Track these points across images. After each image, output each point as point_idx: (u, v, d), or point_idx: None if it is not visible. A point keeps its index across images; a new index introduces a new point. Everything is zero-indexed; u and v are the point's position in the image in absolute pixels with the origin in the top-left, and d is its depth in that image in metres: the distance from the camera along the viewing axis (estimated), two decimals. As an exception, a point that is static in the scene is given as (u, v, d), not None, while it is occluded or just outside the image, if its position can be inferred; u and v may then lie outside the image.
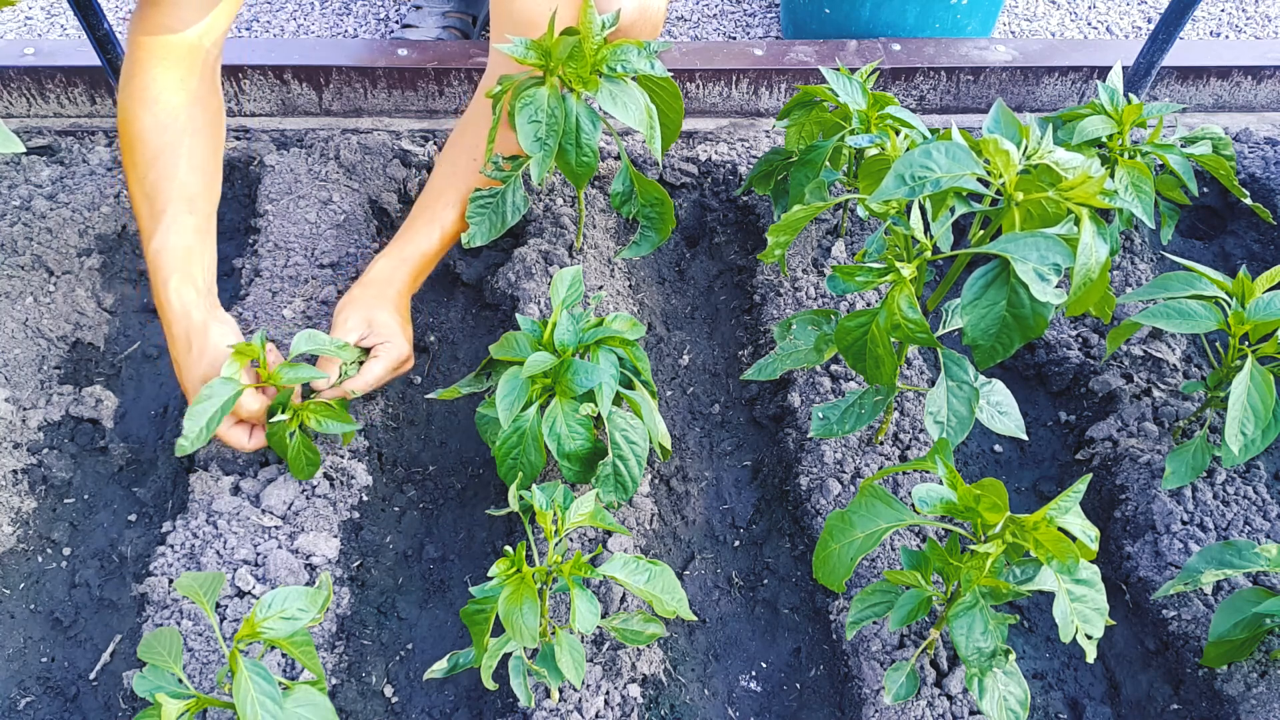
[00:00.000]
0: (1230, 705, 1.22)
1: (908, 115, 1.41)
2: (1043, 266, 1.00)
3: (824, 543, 1.10)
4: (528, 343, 1.28)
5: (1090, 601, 1.02)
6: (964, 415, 1.18)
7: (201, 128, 1.47)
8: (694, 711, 1.31)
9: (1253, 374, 1.25)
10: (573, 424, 1.25)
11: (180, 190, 1.43)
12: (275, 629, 0.98)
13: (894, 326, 1.11)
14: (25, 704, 1.30)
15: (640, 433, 1.29)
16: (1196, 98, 2.11)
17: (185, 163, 1.44)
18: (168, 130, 1.43)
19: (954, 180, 1.01)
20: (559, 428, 1.25)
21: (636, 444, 1.29)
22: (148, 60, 1.42)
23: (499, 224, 1.64)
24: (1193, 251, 1.90)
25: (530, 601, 1.02)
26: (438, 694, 1.34)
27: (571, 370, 1.24)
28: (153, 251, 1.41)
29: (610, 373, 1.26)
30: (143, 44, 1.42)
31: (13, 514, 1.45)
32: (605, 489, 1.31)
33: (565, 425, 1.25)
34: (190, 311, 1.39)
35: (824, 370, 1.54)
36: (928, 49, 2.06)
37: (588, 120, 1.44)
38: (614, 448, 1.29)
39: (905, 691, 1.17)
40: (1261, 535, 1.36)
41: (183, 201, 1.43)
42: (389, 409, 1.60)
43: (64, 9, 2.59)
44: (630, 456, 1.29)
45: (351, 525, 1.42)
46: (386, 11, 2.60)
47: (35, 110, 1.99)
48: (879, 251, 1.20)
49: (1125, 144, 1.50)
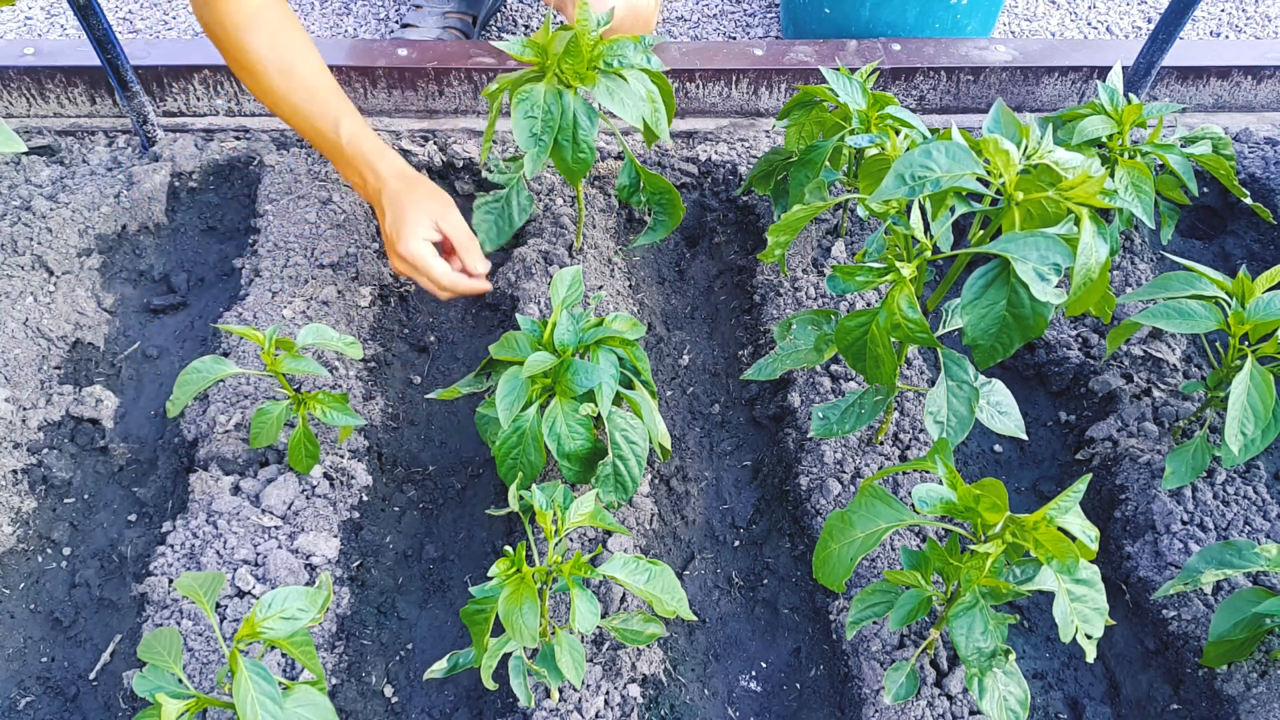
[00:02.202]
0: (1230, 705, 1.22)
1: (908, 115, 1.41)
2: (1043, 266, 1.00)
3: (824, 543, 1.10)
4: (528, 342, 1.28)
5: (1090, 601, 1.01)
6: (964, 415, 1.18)
7: (302, 35, 1.52)
8: (694, 711, 1.31)
9: (1253, 374, 1.25)
10: (573, 424, 1.25)
11: (329, 84, 1.52)
12: (275, 629, 0.98)
13: (894, 326, 1.11)
14: (25, 704, 1.30)
15: (640, 432, 1.29)
16: (1196, 98, 2.11)
17: (316, 62, 1.51)
18: (284, 43, 1.48)
19: (954, 180, 1.01)
20: (559, 428, 1.25)
21: (636, 444, 1.29)
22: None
23: (506, 227, 1.64)
24: (1193, 251, 1.90)
25: (530, 601, 1.02)
26: (438, 694, 1.34)
27: (571, 370, 1.24)
28: (347, 135, 1.50)
29: (610, 373, 1.26)
30: None
31: (13, 514, 1.45)
32: (605, 489, 1.31)
33: (565, 425, 1.25)
34: (408, 170, 1.51)
35: (824, 370, 1.54)
36: (928, 49, 2.05)
37: (585, 116, 1.44)
38: (614, 448, 1.29)
39: (905, 691, 1.17)
40: (1261, 535, 1.36)
41: (337, 92, 1.52)
42: (389, 409, 1.60)
43: (64, 9, 2.59)
44: (630, 456, 1.29)
45: (351, 525, 1.42)
46: (386, 11, 2.60)
47: (35, 110, 1.99)
48: (879, 251, 1.20)
49: (1125, 144, 1.50)
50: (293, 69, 1.48)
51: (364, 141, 1.51)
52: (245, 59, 1.48)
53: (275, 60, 1.47)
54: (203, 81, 1.97)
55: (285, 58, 1.48)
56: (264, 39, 1.46)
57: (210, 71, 1.96)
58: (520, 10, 2.60)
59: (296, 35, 1.50)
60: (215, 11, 1.45)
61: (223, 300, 1.77)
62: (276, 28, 1.48)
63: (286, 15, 1.51)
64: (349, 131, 1.49)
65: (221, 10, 1.45)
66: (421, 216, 1.42)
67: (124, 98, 1.83)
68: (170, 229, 1.86)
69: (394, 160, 1.52)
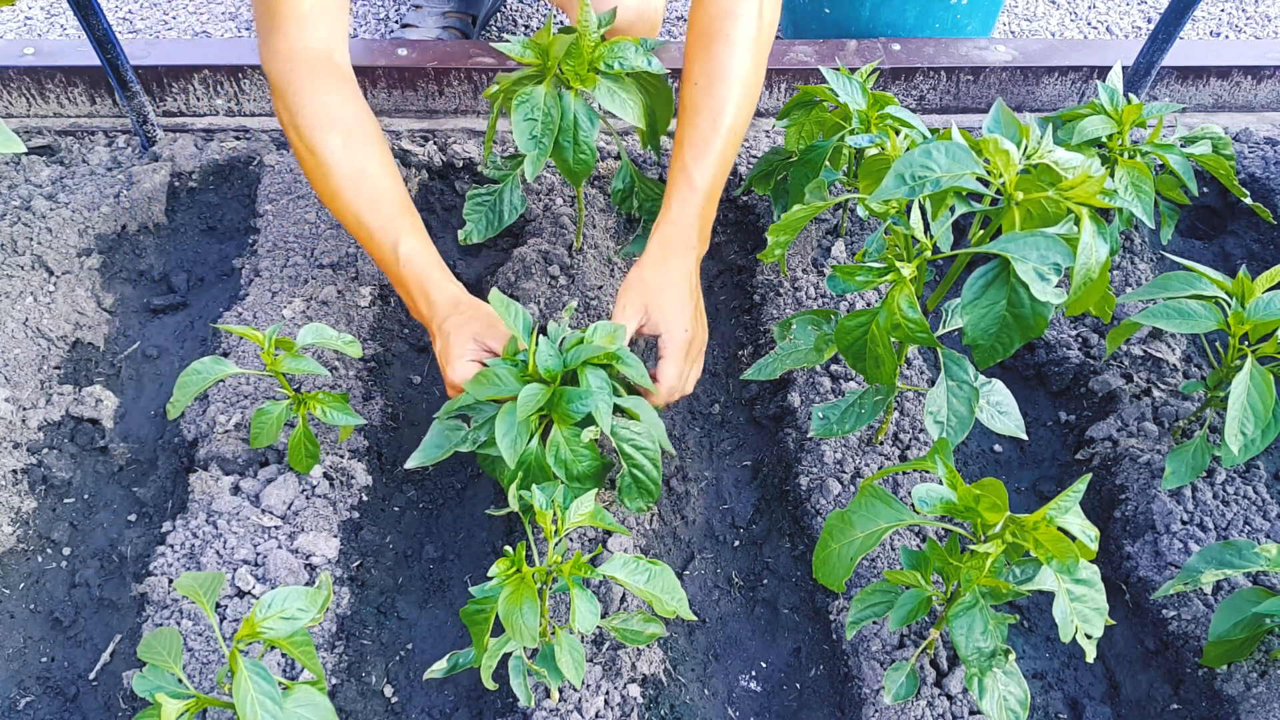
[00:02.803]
0: (1230, 705, 1.22)
1: (907, 115, 1.41)
2: (1043, 266, 1.00)
3: (824, 543, 1.10)
4: (512, 376, 1.25)
5: (1090, 601, 1.01)
6: (964, 415, 1.18)
7: (377, 134, 1.47)
8: (694, 711, 1.31)
9: (1252, 374, 1.25)
10: (577, 449, 1.25)
11: (396, 196, 1.44)
12: (275, 629, 0.98)
13: (894, 326, 1.11)
14: (25, 704, 1.30)
15: (647, 436, 1.30)
16: (1196, 98, 2.11)
17: (386, 170, 1.45)
18: (358, 146, 1.42)
19: (954, 180, 1.01)
20: (564, 454, 1.25)
21: (647, 449, 1.30)
22: (305, 83, 1.41)
23: (496, 222, 1.65)
24: (1193, 251, 1.90)
25: (530, 601, 1.02)
26: (438, 694, 1.34)
27: (566, 400, 1.22)
28: (404, 255, 1.41)
29: (604, 394, 1.24)
30: (289, 70, 1.41)
31: (13, 514, 1.45)
32: (631, 498, 1.32)
33: (569, 450, 1.25)
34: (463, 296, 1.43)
35: (824, 370, 1.54)
36: (927, 49, 2.05)
37: (585, 118, 1.44)
38: (626, 460, 1.29)
39: (905, 691, 1.17)
40: (1261, 535, 1.36)
41: (402, 206, 1.44)
42: (389, 409, 1.60)
43: (64, 9, 2.59)
44: (644, 461, 1.30)
45: (351, 525, 1.42)
46: (386, 11, 2.60)
47: (35, 110, 1.99)
48: (879, 251, 1.20)
49: (1125, 144, 1.50)
50: (361, 176, 1.42)
51: (421, 263, 1.43)
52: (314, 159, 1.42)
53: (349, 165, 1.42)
54: (202, 81, 1.97)
55: (357, 163, 1.42)
56: (338, 141, 1.41)
57: (210, 71, 1.96)
58: (520, 10, 2.60)
59: (371, 135, 1.45)
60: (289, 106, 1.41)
61: (222, 300, 1.77)
62: (352, 128, 1.43)
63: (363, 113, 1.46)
64: (406, 252, 1.42)
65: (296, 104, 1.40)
66: (467, 340, 1.35)
67: (124, 98, 1.83)
68: (170, 229, 1.86)
69: (446, 286, 1.43)
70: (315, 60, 1.42)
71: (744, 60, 1.43)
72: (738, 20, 1.42)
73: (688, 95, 1.46)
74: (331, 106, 1.41)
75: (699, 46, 1.45)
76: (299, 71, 1.40)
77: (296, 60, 1.41)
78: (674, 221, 1.43)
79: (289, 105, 1.41)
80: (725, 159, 1.44)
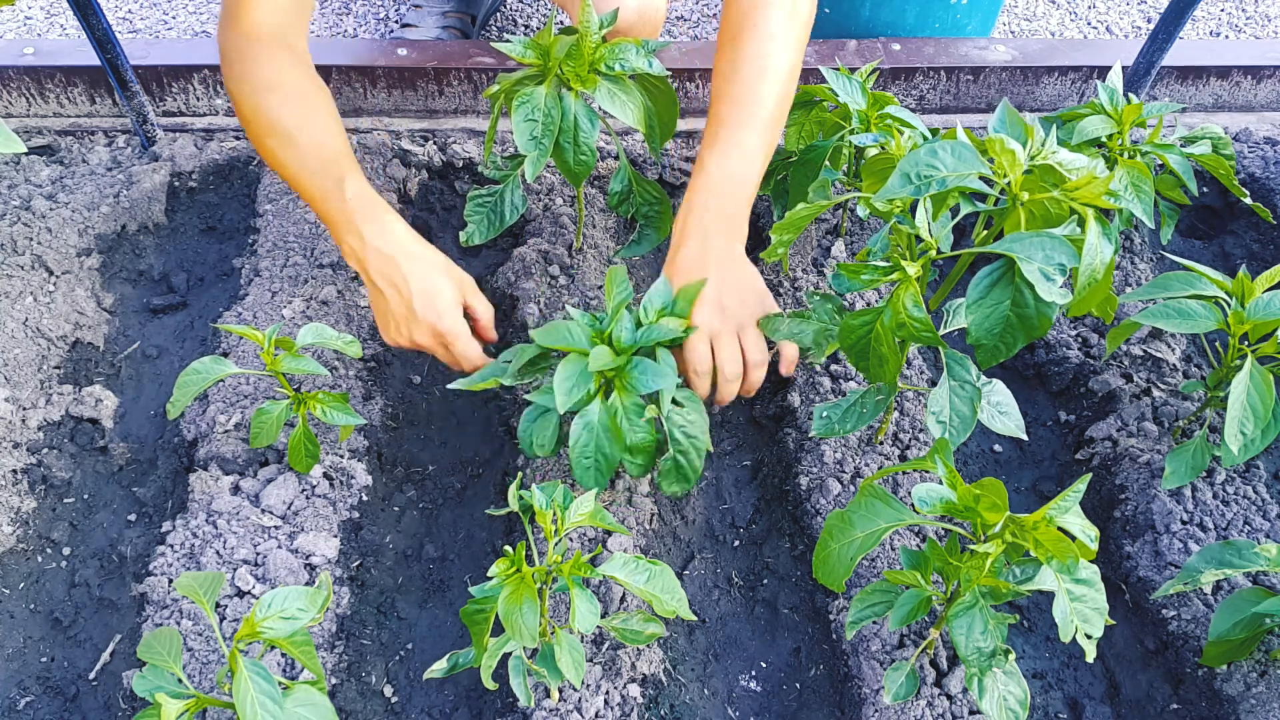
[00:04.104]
0: (1230, 705, 1.22)
1: (907, 115, 1.41)
2: (1048, 266, 1.00)
3: (824, 542, 1.10)
4: (584, 335, 1.26)
5: (1090, 601, 1.02)
6: (966, 415, 1.18)
7: (325, 98, 1.47)
8: (694, 711, 1.31)
9: (1252, 374, 1.25)
10: (635, 420, 1.25)
11: (339, 145, 1.45)
12: (275, 629, 0.98)
13: (899, 325, 1.11)
14: (25, 704, 1.30)
15: (698, 426, 1.31)
16: (1196, 98, 2.11)
17: (331, 123, 1.45)
18: (298, 102, 1.43)
19: (959, 180, 1.01)
20: (622, 422, 1.25)
21: (696, 437, 1.31)
22: (256, 53, 1.42)
23: (497, 223, 1.65)
24: (1193, 251, 1.90)
25: (530, 601, 1.02)
26: (437, 694, 1.33)
27: (638, 369, 1.23)
28: (351, 196, 1.41)
29: (672, 376, 1.26)
30: (244, 45, 1.42)
31: (13, 514, 1.45)
32: (668, 481, 1.33)
33: (628, 420, 1.25)
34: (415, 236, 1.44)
35: (824, 370, 1.55)
36: (927, 49, 2.06)
37: (586, 119, 1.44)
38: (674, 444, 1.31)
39: (905, 691, 1.17)
40: (1261, 535, 1.36)
41: (346, 155, 1.45)
42: (389, 409, 1.60)
43: (64, 9, 2.59)
44: (690, 449, 1.31)
45: (351, 525, 1.42)
46: (386, 11, 2.60)
47: (35, 110, 1.99)
48: (883, 250, 1.20)
49: (1125, 144, 1.50)
50: (303, 129, 1.42)
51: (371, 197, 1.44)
52: (258, 118, 1.43)
53: (291, 120, 1.42)
54: (202, 81, 1.97)
55: (301, 118, 1.43)
56: (279, 99, 1.42)
57: (210, 71, 1.95)
58: (520, 10, 2.60)
59: (318, 98, 1.46)
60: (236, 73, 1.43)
61: (222, 300, 1.77)
62: (300, 90, 1.44)
63: (311, 81, 1.47)
64: (354, 190, 1.42)
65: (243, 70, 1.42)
66: (453, 287, 1.37)
67: (124, 97, 1.83)
68: (170, 229, 1.86)
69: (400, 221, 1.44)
70: (271, 38, 1.43)
71: (771, 49, 1.41)
72: (768, 9, 1.41)
73: (713, 87, 1.46)
74: (280, 74, 1.43)
75: (727, 38, 1.44)
76: (252, 45, 1.42)
77: (251, 37, 1.42)
78: (688, 208, 1.43)
79: (236, 74, 1.42)
80: (746, 146, 1.41)
